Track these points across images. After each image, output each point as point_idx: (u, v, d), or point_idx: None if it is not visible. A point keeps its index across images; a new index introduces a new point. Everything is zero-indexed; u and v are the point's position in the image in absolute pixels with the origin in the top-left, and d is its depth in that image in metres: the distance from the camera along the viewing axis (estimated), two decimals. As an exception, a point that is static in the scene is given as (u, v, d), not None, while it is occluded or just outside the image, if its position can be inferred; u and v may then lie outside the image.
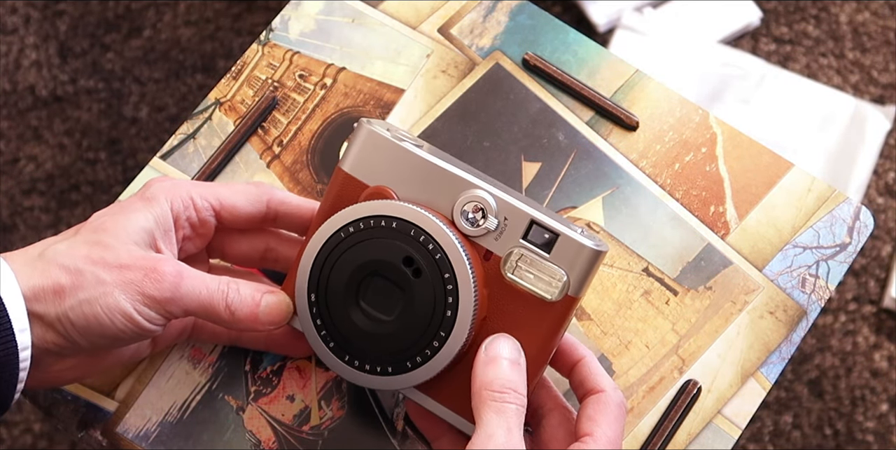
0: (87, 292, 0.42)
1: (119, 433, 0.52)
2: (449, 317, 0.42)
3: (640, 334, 0.53)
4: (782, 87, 1.23)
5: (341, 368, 0.44)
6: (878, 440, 1.14)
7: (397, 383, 0.44)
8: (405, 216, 0.43)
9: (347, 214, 0.44)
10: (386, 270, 0.43)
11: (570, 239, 0.42)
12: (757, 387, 0.52)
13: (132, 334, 0.43)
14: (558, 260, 0.43)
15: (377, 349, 0.43)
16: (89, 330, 0.42)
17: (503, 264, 0.43)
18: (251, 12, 1.30)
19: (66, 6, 1.30)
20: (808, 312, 0.53)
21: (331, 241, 0.44)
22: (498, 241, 0.43)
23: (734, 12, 1.26)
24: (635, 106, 0.56)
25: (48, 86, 1.27)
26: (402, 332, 0.43)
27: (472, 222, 0.43)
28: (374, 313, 0.43)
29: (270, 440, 0.51)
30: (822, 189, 0.55)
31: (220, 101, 0.57)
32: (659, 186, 0.55)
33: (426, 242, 0.42)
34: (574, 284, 0.43)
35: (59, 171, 1.24)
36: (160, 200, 0.45)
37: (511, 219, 0.43)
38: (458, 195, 0.43)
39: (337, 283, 0.44)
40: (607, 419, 0.43)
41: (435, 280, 0.42)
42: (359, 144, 0.45)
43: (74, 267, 0.42)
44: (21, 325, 0.41)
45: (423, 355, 0.43)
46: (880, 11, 1.29)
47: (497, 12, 0.58)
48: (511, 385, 0.41)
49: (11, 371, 0.41)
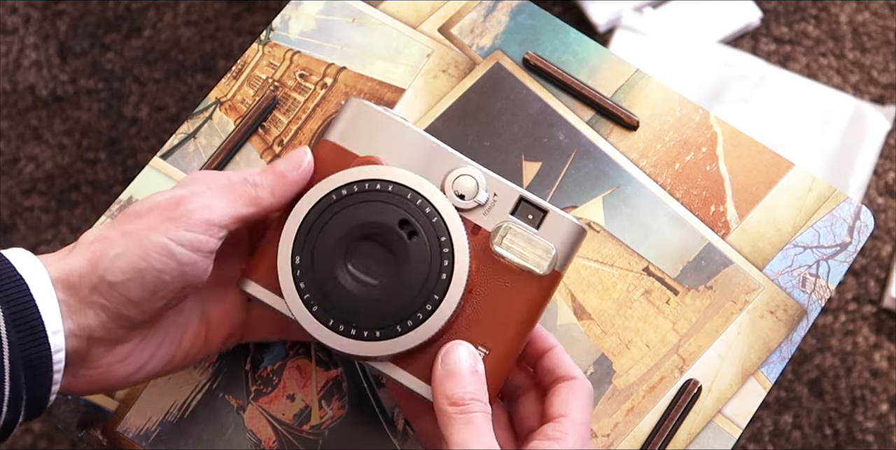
0: (116, 249, 0.41)
1: (119, 433, 0.52)
2: (444, 280, 0.42)
3: (641, 334, 0.53)
4: (782, 87, 1.23)
5: (325, 334, 0.43)
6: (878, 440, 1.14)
7: (384, 349, 0.42)
8: (402, 180, 0.43)
9: (340, 178, 0.43)
10: (379, 232, 0.43)
11: (558, 215, 0.44)
12: (757, 387, 0.52)
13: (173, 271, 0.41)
14: (547, 235, 0.44)
15: (365, 313, 0.42)
16: (129, 285, 0.41)
17: (492, 238, 0.44)
18: (251, 12, 1.30)
19: (66, 6, 1.30)
20: (808, 311, 0.53)
21: (321, 203, 0.43)
22: (486, 216, 0.44)
23: (734, 12, 1.27)
24: (636, 106, 0.56)
25: (48, 86, 1.27)
26: (394, 294, 0.42)
27: (463, 196, 0.44)
28: (363, 278, 0.43)
29: (271, 440, 0.51)
30: (823, 189, 0.55)
31: (221, 101, 0.57)
32: (659, 185, 0.55)
33: (423, 205, 0.43)
34: (561, 258, 0.44)
35: (59, 171, 1.24)
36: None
37: (500, 195, 0.44)
38: (449, 169, 0.44)
39: (325, 245, 0.43)
40: (581, 404, 0.44)
41: (432, 243, 0.42)
42: (348, 116, 0.45)
43: (101, 236, 0.42)
44: (54, 327, 0.40)
45: (415, 318, 0.42)
46: (880, 11, 1.29)
47: (497, 12, 0.58)
48: (473, 396, 0.42)
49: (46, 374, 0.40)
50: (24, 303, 0.40)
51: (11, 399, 0.39)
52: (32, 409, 0.41)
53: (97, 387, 0.44)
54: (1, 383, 0.39)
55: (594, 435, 0.51)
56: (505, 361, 0.44)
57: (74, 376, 0.43)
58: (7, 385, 0.39)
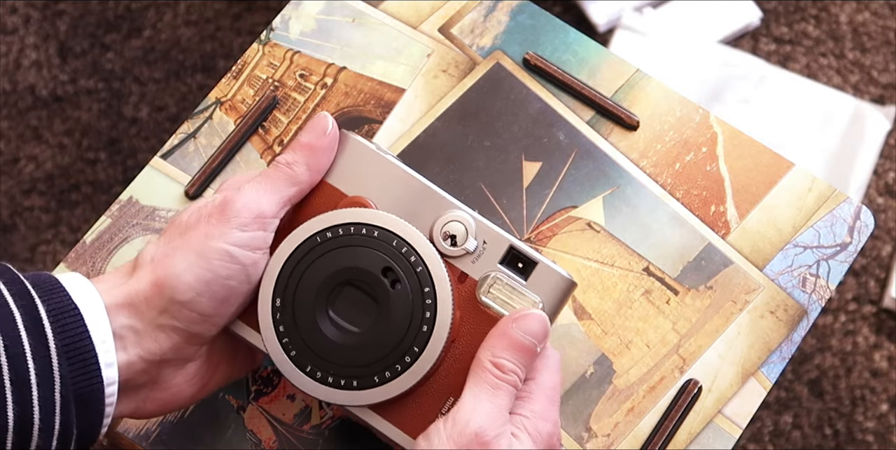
0: (178, 266, 0.40)
1: (119, 433, 0.52)
2: (424, 332, 0.41)
3: (641, 334, 0.53)
4: (782, 87, 1.23)
5: (303, 380, 0.42)
6: (878, 440, 1.14)
7: (362, 399, 0.42)
8: (388, 226, 0.42)
9: (325, 219, 0.42)
10: (362, 279, 0.42)
11: (547, 267, 0.43)
12: (757, 387, 0.52)
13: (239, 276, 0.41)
14: (535, 287, 0.43)
15: (344, 362, 0.41)
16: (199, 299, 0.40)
17: (479, 287, 0.43)
18: (251, 12, 1.30)
19: (66, 6, 1.30)
20: (808, 311, 0.53)
21: (304, 245, 0.42)
22: (475, 264, 0.43)
23: (734, 12, 1.27)
24: (636, 106, 0.56)
25: (48, 86, 1.27)
26: (374, 344, 0.41)
27: (452, 242, 0.43)
28: (343, 324, 0.42)
29: (271, 440, 0.51)
30: (823, 189, 0.55)
31: (221, 101, 0.57)
32: (659, 185, 0.55)
33: (408, 254, 0.42)
34: (548, 311, 0.42)
35: (59, 171, 1.24)
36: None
37: (490, 243, 0.43)
38: (438, 214, 0.43)
39: (307, 289, 0.42)
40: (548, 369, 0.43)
41: (414, 293, 0.41)
42: (341, 152, 0.44)
43: (159, 255, 0.41)
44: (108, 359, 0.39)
45: (393, 369, 0.41)
46: (880, 11, 1.29)
47: (498, 12, 0.58)
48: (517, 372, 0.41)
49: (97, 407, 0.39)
50: (79, 334, 0.39)
51: (61, 433, 0.39)
52: (82, 442, 0.40)
53: (167, 408, 0.44)
54: (51, 417, 0.38)
55: (594, 435, 0.51)
56: None
57: (144, 401, 0.42)
58: (57, 419, 0.38)
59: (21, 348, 0.37)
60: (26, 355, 0.37)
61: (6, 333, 0.37)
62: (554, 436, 0.42)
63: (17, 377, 0.37)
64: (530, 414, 0.41)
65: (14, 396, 0.37)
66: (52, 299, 0.39)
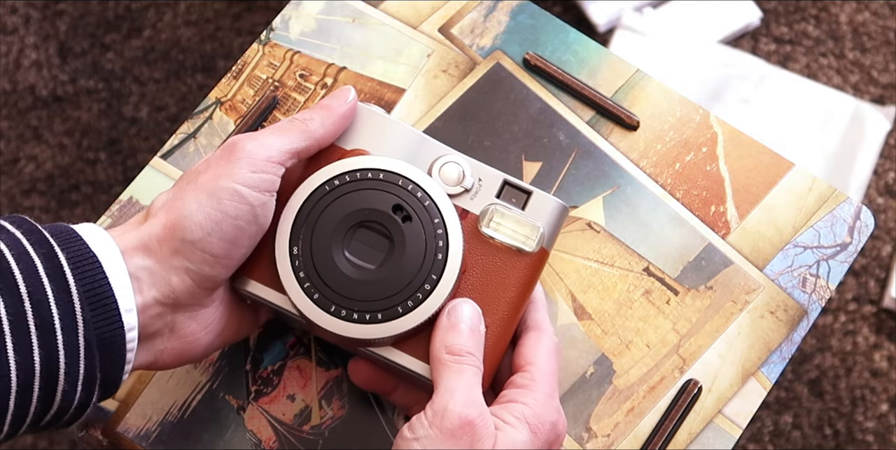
0: (189, 207, 0.41)
1: (120, 433, 0.52)
2: (440, 260, 0.43)
3: (641, 334, 0.53)
4: (782, 87, 1.23)
5: (328, 320, 0.43)
6: (878, 440, 1.14)
7: (387, 330, 0.43)
8: (392, 168, 0.44)
9: (332, 169, 0.44)
10: (374, 218, 0.44)
11: (541, 195, 0.46)
12: (757, 387, 0.52)
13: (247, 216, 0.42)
14: (532, 214, 0.46)
15: (366, 296, 0.43)
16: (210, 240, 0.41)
17: (480, 220, 0.46)
18: (251, 12, 1.30)
19: (66, 6, 1.30)
20: (808, 311, 0.53)
21: (314, 194, 0.44)
22: (473, 200, 0.46)
23: (734, 12, 1.27)
24: (636, 106, 0.56)
25: (48, 86, 1.27)
26: (393, 278, 0.43)
27: (449, 182, 0.46)
28: (360, 263, 0.44)
29: (271, 440, 0.51)
30: (823, 189, 0.55)
31: (221, 101, 0.57)
32: (660, 185, 0.55)
33: (414, 190, 0.44)
34: (548, 235, 0.46)
35: (59, 171, 1.24)
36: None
37: (485, 179, 0.46)
38: (434, 157, 0.46)
39: (322, 234, 0.44)
40: (547, 354, 0.45)
41: (426, 225, 0.44)
42: None
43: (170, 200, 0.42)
44: (127, 305, 0.40)
45: (415, 298, 0.43)
46: (880, 11, 1.29)
47: (498, 12, 0.58)
48: (469, 350, 0.43)
49: (119, 353, 0.40)
50: (99, 281, 0.39)
51: (86, 378, 0.39)
52: (105, 388, 0.41)
53: (183, 359, 0.44)
54: (76, 361, 0.38)
55: (594, 435, 0.51)
56: (501, 337, 0.45)
57: (162, 352, 0.43)
58: (82, 363, 0.39)
59: (44, 295, 0.38)
60: (49, 300, 0.38)
61: (28, 280, 0.38)
62: (558, 424, 0.43)
63: (42, 322, 0.38)
64: (531, 402, 0.43)
65: (39, 340, 0.38)
66: (70, 247, 0.39)
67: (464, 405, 0.41)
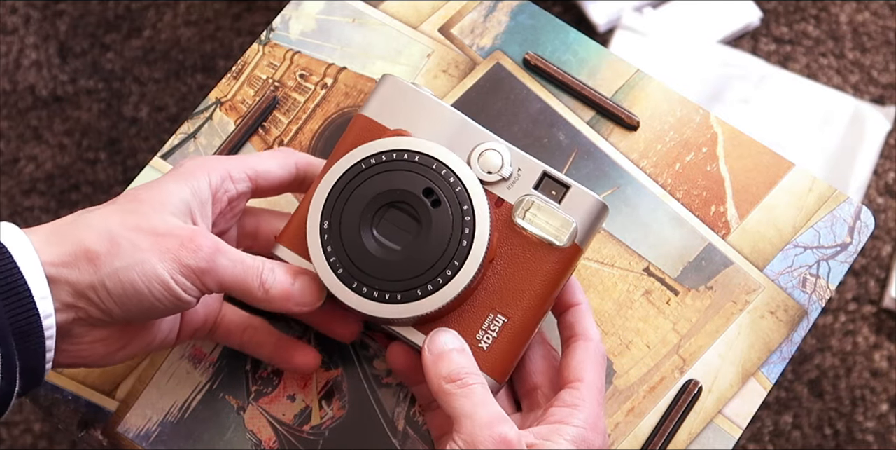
0: (123, 260, 0.41)
1: (120, 433, 0.52)
2: (464, 247, 0.43)
3: (641, 334, 0.53)
4: (782, 87, 1.23)
5: (349, 296, 0.44)
6: (878, 440, 1.14)
7: (405, 311, 0.44)
8: (428, 151, 0.44)
9: (370, 148, 0.45)
10: (404, 199, 0.44)
11: (580, 190, 0.45)
12: (757, 387, 0.52)
13: (168, 304, 0.42)
14: (568, 209, 0.45)
15: (388, 276, 0.44)
16: (126, 299, 0.41)
17: (515, 210, 0.45)
18: (251, 12, 1.30)
19: (66, 6, 1.30)
20: (808, 311, 0.53)
21: (350, 171, 0.45)
22: (510, 189, 0.45)
23: (734, 12, 1.26)
24: (636, 106, 0.56)
25: (48, 86, 1.27)
26: (416, 260, 0.44)
27: (487, 169, 0.45)
28: (386, 243, 0.44)
29: (271, 440, 0.51)
30: (823, 189, 0.55)
31: (221, 101, 0.57)
32: (660, 185, 0.55)
33: (447, 175, 0.44)
34: (582, 232, 0.45)
35: (59, 171, 1.24)
36: (197, 174, 0.45)
37: (524, 169, 0.46)
38: (475, 143, 0.46)
39: (353, 210, 0.44)
40: (596, 367, 0.45)
41: (454, 210, 0.44)
42: (382, 92, 0.47)
43: (108, 234, 0.42)
44: (41, 292, 0.40)
45: (435, 283, 0.43)
46: (880, 11, 1.29)
47: (498, 12, 0.58)
48: (466, 370, 0.42)
49: (38, 340, 0.40)
50: (9, 270, 0.39)
51: (5, 366, 0.39)
52: (29, 378, 0.41)
53: (79, 362, 0.44)
54: None
55: (594, 435, 0.51)
56: (523, 329, 0.45)
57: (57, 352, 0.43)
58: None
59: None
60: None
61: None
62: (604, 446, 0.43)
63: None
64: (582, 424, 0.43)
65: None
66: None
67: (490, 425, 0.40)
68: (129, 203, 0.43)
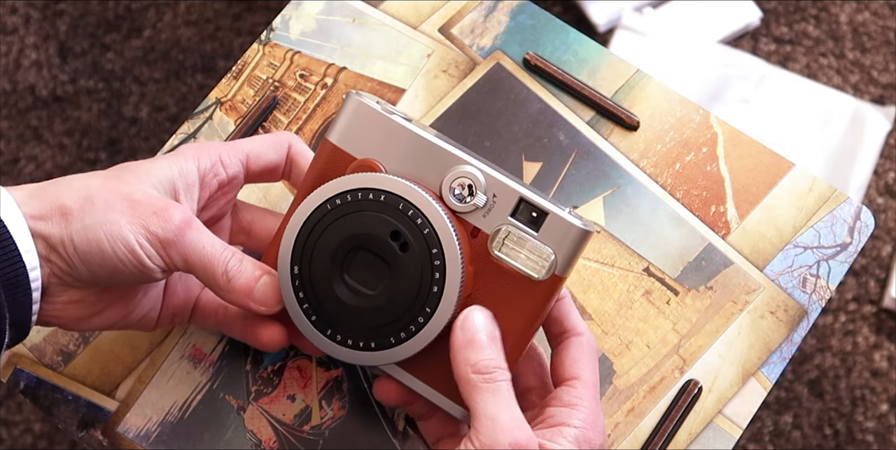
0: (93, 218, 0.41)
1: (120, 433, 0.52)
2: (435, 293, 0.42)
3: (641, 334, 0.53)
4: (782, 87, 1.23)
5: (323, 342, 0.44)
6: (878, 440, 1.14)
7: (379, 359, 0.43)
8: (394, 190, 0.42)
9: (335, 186, 0.43)
10: (372, 243, 0.43)
11: (558, 218, 0.42)
12: (758, 387, 0.52)
13: (132, 268, 0.42)
14: (546, 239, 0.42)
15: (360, 324, 0.43)
16: (90, 256, 0.42)
17: (490, 242, 0.43)
18: (251, 12, 1.30)
19: (66, 6, 1.30)
20: (808, 311, 0.53)
21: (317, 212, 0.43)
22: (486, 218, 0.43)
23: (734, 12, 1.27)
24: (636, 106, 0.56)
25: (48, 86, 1.27)
26: (387, 307, 0.42)
27: (461, 198, 0.43)
28: (358, 287, 0.43)
29: (271, 440, 0.51)
30: (823, 189, 0.55)
31: (221, 101, 0.57)
32: (660, 185, 0.55)
33: (415, 216, 0.42)
34: (561, 263, 0.42)
35: (59, 171, 1.24)
36: (187, 156, 0.45)
37: (500, 196, 0.43)
38: (446, 171, 0.43)
39: (321, 255, 0.43)
40: (590, 363, 0.44)
41: (422, 255, 0.42)
42: (347, 116, 0.44)
43: (86, 193, 0.42)
44: (26, 245, 0.41)
45: (408, 330, 0.42)
46: (880, 11, 1.29)
47: (498, 12, 0.58)
48: (496, 363, 0.41)
49: (24, 292, 0.41)
50: None
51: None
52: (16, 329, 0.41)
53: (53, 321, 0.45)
54: None
55: (594, 435, 0.51)
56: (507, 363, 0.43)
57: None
58: None
59: None
60: None
61: None
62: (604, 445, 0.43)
63: None
64: (581, 424, 0.42)
65: None
66: None
67: (511, 431, 0.40)
68: (115, 171, 0.44)
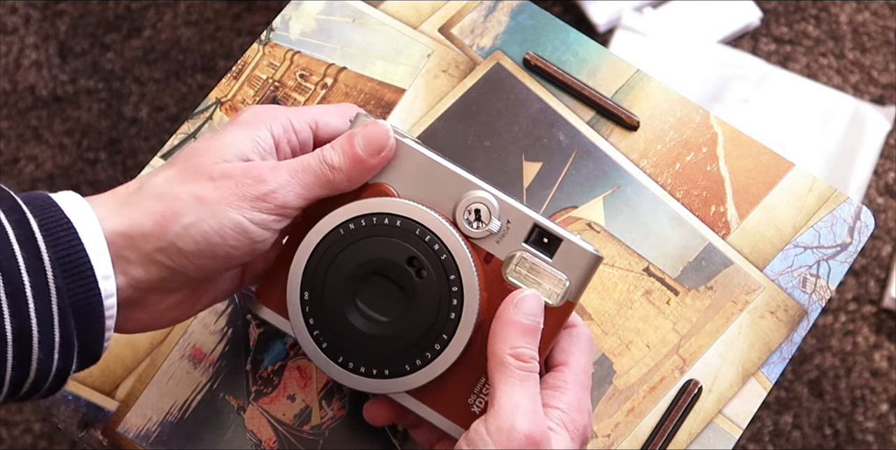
0: (189, 216, 0.40)
1: (120, 433, 0.52)
2: (452, 319, 0.41)
3: (641, 334, 0.53)
4: (782, 87, 1.23)
5: (334, 370, 0.43)
6: (878, 440, 1.14)
7: (393, 387, 0.42)
8: (410, 215, 0.42)
9: (348, 210, 0.43)
10: (388, 269, 0.42)
11: (573, 244, 0.42)
12: (757, 387, 0.52)
13: (245, 248, 0.41)
14: (560, 265, 0.42)
15: (374, 351, 0.42)
16: (200, 254, 0.40)
17: (504, 268, 0.43)
18: (251, 12, 1.30)
19: (66, 6, 1.30)
20: (808, 311, 0.53)
21: (329, 237, 0.43)
22: (500, 244, 0.43)
23: (734, 12, 1.27)
24: (636, 106, 0.56)
25: (48, 86, 1.27)
26: (402, 334, 0.42)
27: (475, 224, 0.43)
28: (371, 314, 0.42)
29: (271, 440, 0.51)
30: (823, 189, 0.55)
31: (221, 101, 0.57)
32: (660, 185, 0.55)
33: (432, 242, 0.42)
34: (574, 289, 0.42)
35: (59, 171, 1.24)
36: (257, 124, 0.43)
37: (514, 222, 0.43)
38: (460, 196, 0.43)
39: (334, 281, 0.42)
40: (580, 351, 0.44)
41: (440, 281, 0.42)
42: None
43: (170, 193, 0.41)
44: (104, 271, 0.39)
45: (424, 357, 0.42)
46: (880, 11, 1.29)
47: (498, 12, 0.58)
48: (533, 355, 0.41)
49: (97, 320, 0.39)
50: (73, 247, 0.39)
51: (62, 346, 0.38)
52: (85, 356, 0.40)
53: (146, 329, 0.44)
54: (50, 329, 0.38)
55: (594, 436, 0.51)
56: None
57: (126, 320, 0.42)
58: (57, 332, 0.38)
59: (15, 262, 0.37)
60: (20, 268, 0.37)
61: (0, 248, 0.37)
62: (588, 427, 0.43)
63: (14, 290, 0.37)
64: (566, 407, 0.42)
65: (10, 308, 0.37)
66: (44, 214, 0.39)
67: (531, 423, 0.39)
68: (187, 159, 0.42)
